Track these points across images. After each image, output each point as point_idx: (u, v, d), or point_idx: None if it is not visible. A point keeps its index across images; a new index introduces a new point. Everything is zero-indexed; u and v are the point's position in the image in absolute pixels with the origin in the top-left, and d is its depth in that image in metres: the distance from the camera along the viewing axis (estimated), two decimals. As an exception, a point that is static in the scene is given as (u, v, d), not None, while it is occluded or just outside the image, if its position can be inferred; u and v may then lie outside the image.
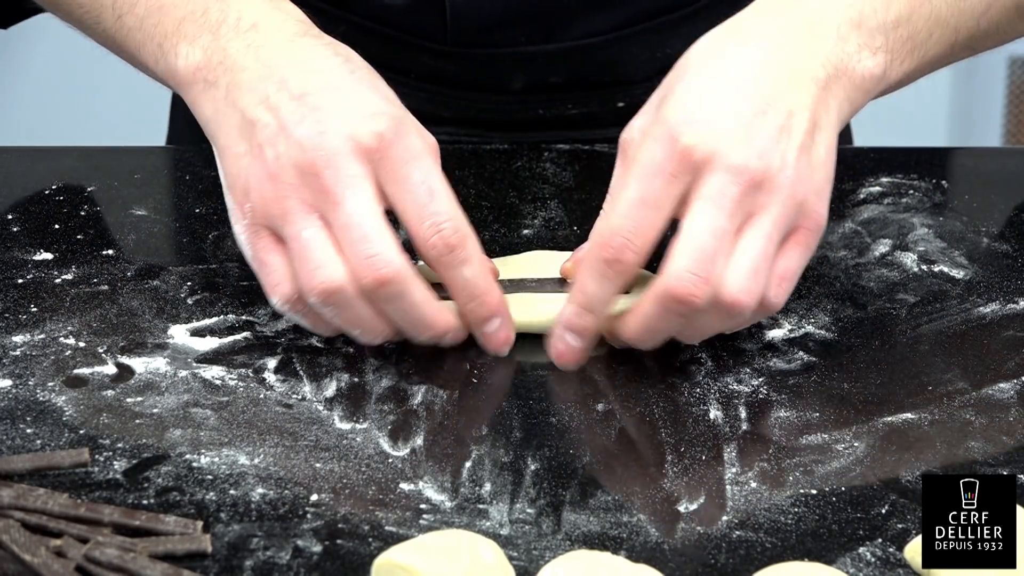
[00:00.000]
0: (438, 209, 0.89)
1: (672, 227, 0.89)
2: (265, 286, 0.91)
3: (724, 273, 0.87)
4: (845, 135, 1.29)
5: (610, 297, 0.90)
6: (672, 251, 0.88)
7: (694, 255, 0.87)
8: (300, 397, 0.89)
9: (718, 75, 0.91)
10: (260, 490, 0.82)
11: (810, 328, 0.95)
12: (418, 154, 0.90)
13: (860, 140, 1.33)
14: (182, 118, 1.24)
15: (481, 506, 0.81)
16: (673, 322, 0.89)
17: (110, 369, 0.91)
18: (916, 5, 0.95)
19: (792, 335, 0.95)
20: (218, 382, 0.90)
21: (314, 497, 0.81)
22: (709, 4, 1.17)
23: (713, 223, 0.87)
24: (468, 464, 0.84)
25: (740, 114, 0.89)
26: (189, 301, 0.97)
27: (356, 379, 0.91)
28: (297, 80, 0.92)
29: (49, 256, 1.02)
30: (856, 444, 0.85)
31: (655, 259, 0.89)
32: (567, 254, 0.96)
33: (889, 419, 0.87)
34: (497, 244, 1.03)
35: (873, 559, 0.77)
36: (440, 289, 0.92)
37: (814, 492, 0.82)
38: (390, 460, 0.84)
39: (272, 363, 0.92)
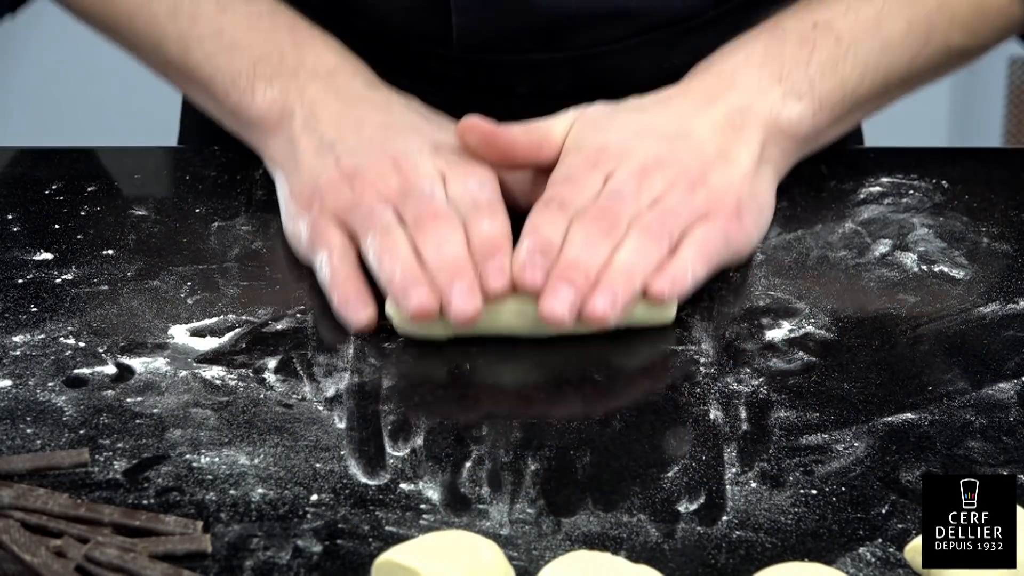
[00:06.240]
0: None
1: None
2: (320, 253, 0.95)
3: None
4: (855, 135, 1.29)
5: None
6: None
7: None
8: (300, 397, 0.89)
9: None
10: (260, 490, 0.82)
11: (810, 328, 0.95)
12: (485, 172, 0.96)
13: (861, 140, 1.33)
14: (193, 117, 1.25)
15: (481, 506, 0.81)
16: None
17: (110, 369, 0.91)
18: (840, 56, 1.01)
19: (792, 335, 0.95)
20: (218, 382, 0.90)
21: (314, 497, 0.81)
22: (714, 17, 1.17)
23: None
24: (468, 464, 0.84)
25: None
26: (189, 301, 0.97)
27: (356, 379, 0.91)
28: (377, 117, 0.98)
29: (49, 256, 1.02)
30: (856, 444, 0.85)
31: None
32: None
33: (889, 419, 0.87)
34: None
35: (873, 559, 0.77)
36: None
37: (814, 492, 0.82)
38: (390, 460, 0.84)
39: (272, 363, 0.92)
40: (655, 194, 0.93)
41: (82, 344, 0.93)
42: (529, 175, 0.99)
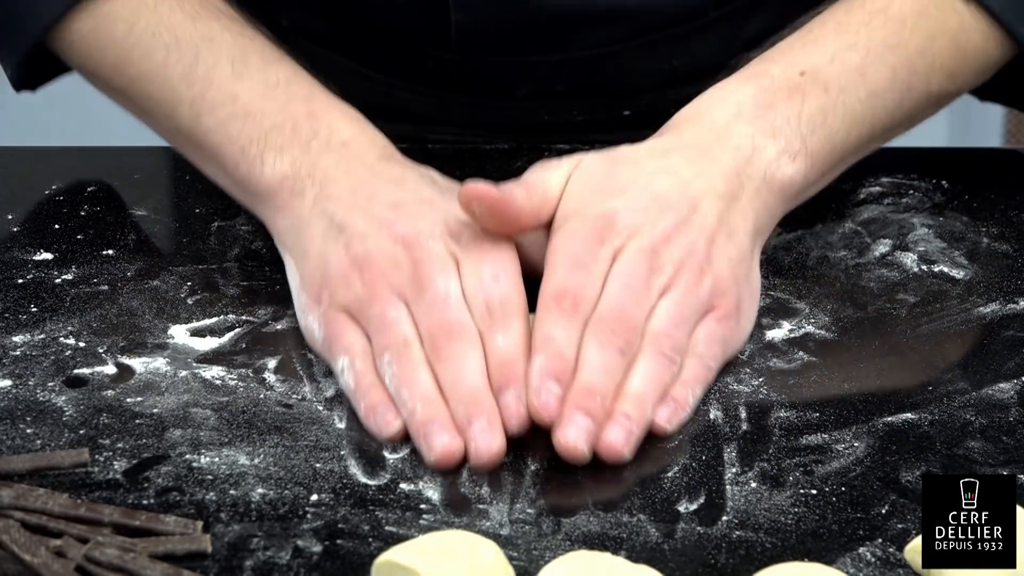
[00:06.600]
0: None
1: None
2: (340, 358, 0.90)
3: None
4: None
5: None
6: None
7: None
8: (300, 397, 0.89)
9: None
10: (260, 490, 0.82)
11: (810, 328, 0.95)
12: (500, 253, 0.92)
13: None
14: None
15: (481, 506, 0.81)
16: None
17: (110, 369, 0.91)
18: (829, 107, 0.98)
19: (792, 335, 0.95)
20: (218, 382, 0.90)
21: (314, 497, 0.81)
22: (714, 19, 1.17)
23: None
24: (468, 464, 0.84)
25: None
26: (189, 301, 0.97)
27: (356, 379, 0.91)
28: (389, 193, 0.94)
29: (49, 256, 1.02)
30: (856, 444, 0.85)
31: None
32: None
33: (889, 419, 0.87)
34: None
35: (873, 559, 0.77)
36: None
37: (814, 492, 0.82)
38: (390, 460, 0.84)
39: (272, 363, 0.92)
40: (664, 280, 0.90)
41: (82, 344, 0.93)
42: (541, 238, 0.95)
